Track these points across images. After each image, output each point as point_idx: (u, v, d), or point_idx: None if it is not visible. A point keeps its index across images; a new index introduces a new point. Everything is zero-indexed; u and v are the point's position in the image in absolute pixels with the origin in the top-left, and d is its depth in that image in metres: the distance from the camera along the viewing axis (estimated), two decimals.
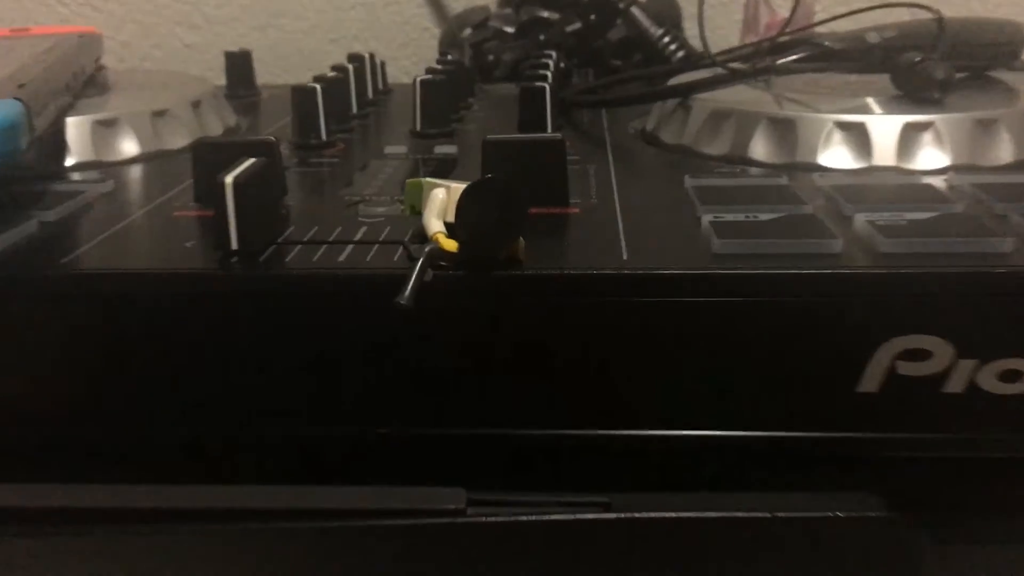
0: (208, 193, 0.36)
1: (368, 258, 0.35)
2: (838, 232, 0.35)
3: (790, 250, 0.34)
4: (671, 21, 0.77)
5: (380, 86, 0.69)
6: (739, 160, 0.48)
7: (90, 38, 0.64)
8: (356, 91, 0.61)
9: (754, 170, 0.46)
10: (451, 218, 0.34)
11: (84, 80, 0.57)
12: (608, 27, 0.77)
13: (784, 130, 0.47)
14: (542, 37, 0.75)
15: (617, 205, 0.41)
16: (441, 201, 0.35)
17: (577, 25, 0.75)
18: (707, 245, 0.35)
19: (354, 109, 0.60)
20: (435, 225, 0.34)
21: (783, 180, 0.43)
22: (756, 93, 0.53)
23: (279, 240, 0.37)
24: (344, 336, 0.34)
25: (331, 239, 0.37)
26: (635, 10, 0.74)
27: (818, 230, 0.35)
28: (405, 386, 0.35)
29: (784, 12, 0.84)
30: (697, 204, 0.39)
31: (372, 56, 0.65)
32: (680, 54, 0.74)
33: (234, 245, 0.35)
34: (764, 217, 0.37)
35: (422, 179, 0.37)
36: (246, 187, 0.35)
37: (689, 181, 0.43)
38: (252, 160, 0.37)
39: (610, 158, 0.50)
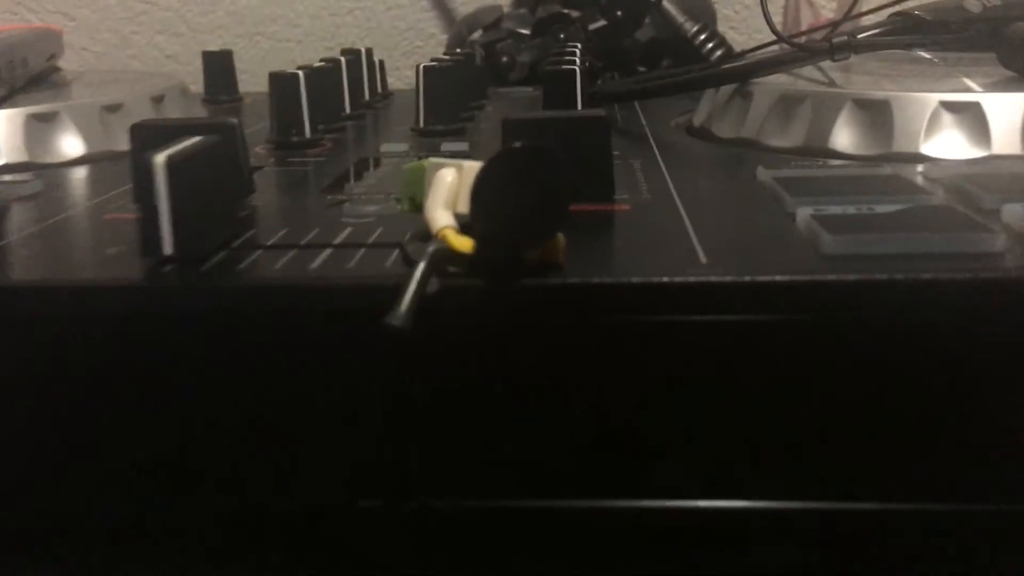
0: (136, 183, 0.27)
1: (351, 264, 0.26)
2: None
3: (930, 248, 0.25)
4: (706, 19, 0.68)
5: (379, 88, 0.60)
6: (818, 152, 0.38)
7: (43, 33, 0.55)
8: (349, 89, 0.52)
9: (838, 163, 0.37)
10: (464, 208, 0.25)
11: (28, 74, 0.49)
12: (636, 25, 0.68)
13: (876, 114, 0.38)
14: (562, 36, 0.66)
15: (678, 201, 0.31)
16: (450, 185, 0.25)
17: (601, 23, 0.67)
18: (810, 245, 0.26)
19: (347, 109, 0.52)
20: (442, 218, 0.25)
21: (888, 169, 0.34)
22: (830, 75, 0.44)
23: (232, 245, 0.28)
24: (313, 372, 0.25)
25: (303, 243, 0.28)
26: (667, 4, 0.65)
27: (966, 223, 0.26)
28: (397, 442, 0.25)
29: (828, 13, 0.76)
30: (785, 196, 0.30)
31: (369, 51, 0.57)
32: (719, 53, 0.65)
33: (167, 250, 0.26)
34: (882, 209, 0.28)
35: (425, 161, 0.27)
36: (184, 169, 0.25)
37: (765, 173, 0.34)
38: (198, 138, 0.28)
39: (656, 153, 0.40)
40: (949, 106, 0.37)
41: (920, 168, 0.35)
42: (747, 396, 0.24)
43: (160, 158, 0.25)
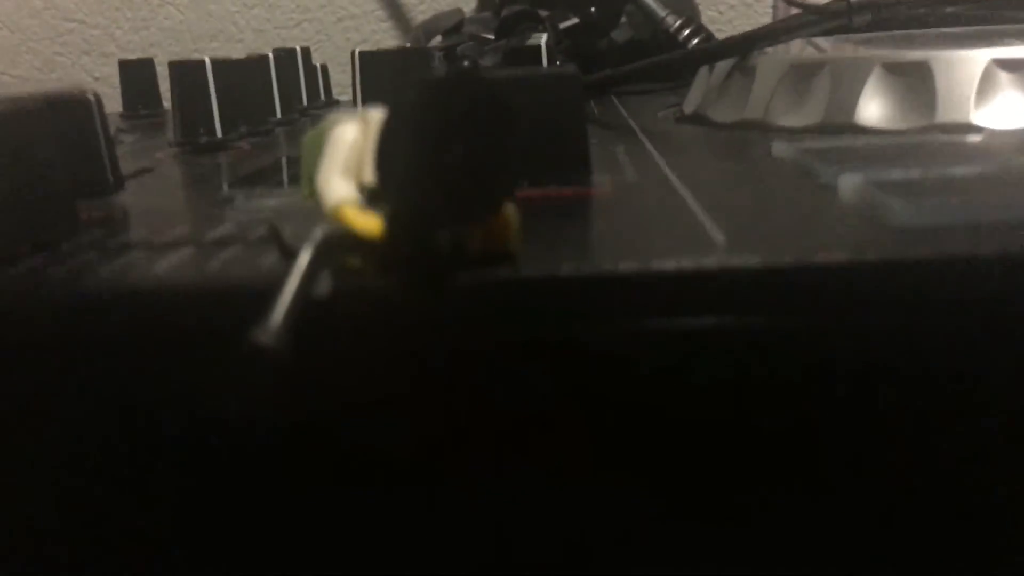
0: None
1: (213, 265, 0.18)
2: None
3: None
4: (688, 14, 0.61)
5: (321, 95, 0.53)
6: (842, 129, 0.31)
7: None
8: (280, 90, 0.44)
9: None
10: (370, 178, 0.17)
11: None
12: (612, 23, 0.61)
13: (913, 80, 0.30)
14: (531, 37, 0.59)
15: (675, 181, 0.24)
16: (351, 145, 0.17)
17: (574, 21, 0.60)
18: (867, 218, 0.18)
19: (277, 112, 0.44)
20: (338, 188, 0.17)
21: (944, 137, 0.26)
22: (842, 44, 0.36)
23: (58, 248, 0.20)
24: (153, 406, 0.17)
25: (156, 242, 0.20)
26: None
27: None
28: (266, 521, 0.17)
29: None
30: (817, 167, 0.22)
31: (307, 51, 0.49)
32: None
33: None
34: (959, 172, 0.20)
35: (327, 123, 0.20)
36: None
37: (783, 147, 0.26)
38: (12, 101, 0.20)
39: (643, 140, 0.33)
40: (1005, 64, 0.29)
41: (976, 139, 0.27)
42: (798, 437, 0.16)
43: None
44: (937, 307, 0.16)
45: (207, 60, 0.36)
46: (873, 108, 0.31)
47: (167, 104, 0.56)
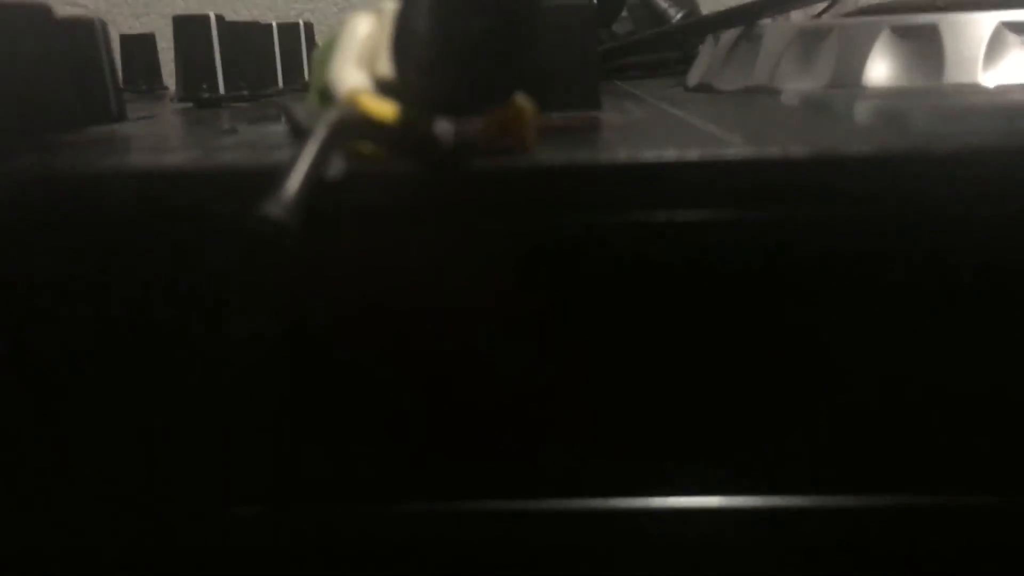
0: None
1: (218, 160, 0.17)
2: None
3: None
4: (690, 7, 0.61)
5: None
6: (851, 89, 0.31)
7: None
8: (283, 60, 0.44)
9: None
10: (385, 70, 0.16)
11: None
12: (614, 15, 0.61)
13: (921, 42, 0.30)
14: None
15: (685, 116, 0.23)
16: (366, 37, 0.17)
17: None
18: (889, 124, 0.18)
19: (280, 82, 0.44)
20: (351, 76, 0.17)
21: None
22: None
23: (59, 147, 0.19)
24: (154, 300, 0.17)
25: (166, 147, 0.19)
26: None
27: None
28: (277, 417, 0.17)
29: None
30: (829, 100, 0.22)
31: (309, 25, 0.49)
32: None
33: None
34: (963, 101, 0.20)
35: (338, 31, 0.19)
36: None
37: (791, 95, 0.26)
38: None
39: (650, 100, 0.33)
40: (1014, 27, 0.29)
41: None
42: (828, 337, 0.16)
43: None
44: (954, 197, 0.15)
45: (211, 15, 0.35)
46: (881, 70, 0.31)
47: (168, 82, 0.56)
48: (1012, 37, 0.29)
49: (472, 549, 0.17)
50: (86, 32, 0.24)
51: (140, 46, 0.54)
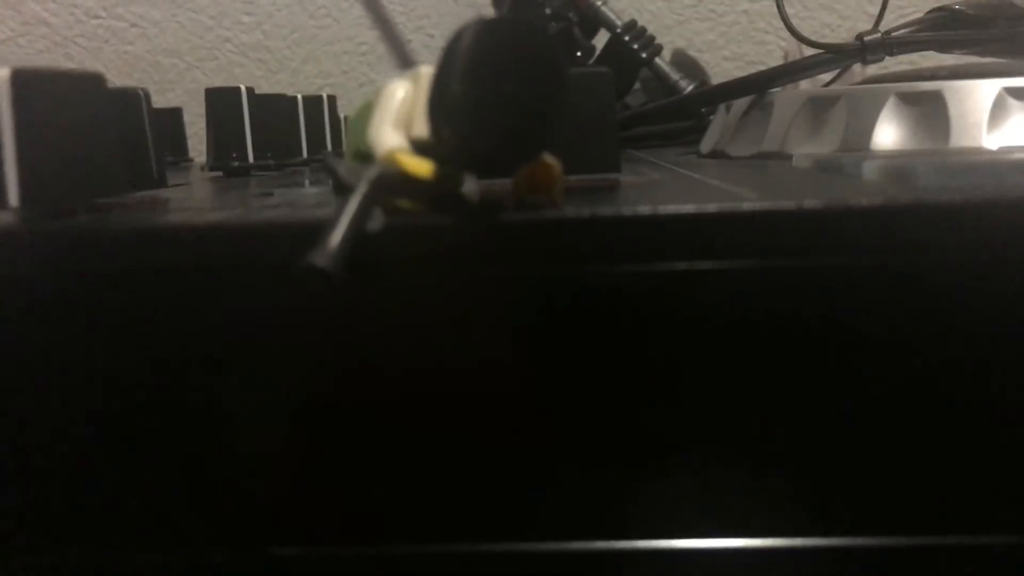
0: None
1: (264, 215, 0.18)
2: None
3: None
4: (701, 78, 0.63)
5: (343, 144, 0.54)
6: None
7: None
8: (307, 130, 0.46)
9: None
10: (421, 131, 0.18)
11: None
12: (627, 87, 0.63)
13: (927, 108, 0.31)
14: None
15: (701, 177, 0.24)
16: (402, 101, 0.18)
17: None
18: (895, 182, 0.19)
19: (304, 152, 0.45)
20: (389, 137, 0.18)
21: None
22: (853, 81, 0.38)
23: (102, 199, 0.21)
24: (195, 346, 0.17)
25: (209, 207, 0.21)
26: (660, 61, 0.60)
27: None
28: (316, 455, 0.18)
29: None
30: (844, 162, 0.23)
31: (332, 99, 0.51)
32: None
33: (12, 199, 0.18)
34: (967, 159, 0.21)
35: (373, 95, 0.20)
36: (39, 91, 0.19)
37: (802, 159, 0.27)
38: (74, 76, 0.21)
39: (666, 164, 0.34)
40: (1017, 92, 0.31)
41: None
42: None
43: (3, 71, 0.18)
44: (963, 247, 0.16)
45: (243, 88, 0.37)
46: (889, 134, 0.32)
47: (193, 154, 0.58)
48: (1013, 102, 0.30)
49: None
50: (133, 102, 0.25)
51: (168, 119, 0.56)
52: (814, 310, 0.17)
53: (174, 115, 0.56)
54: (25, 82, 0.19)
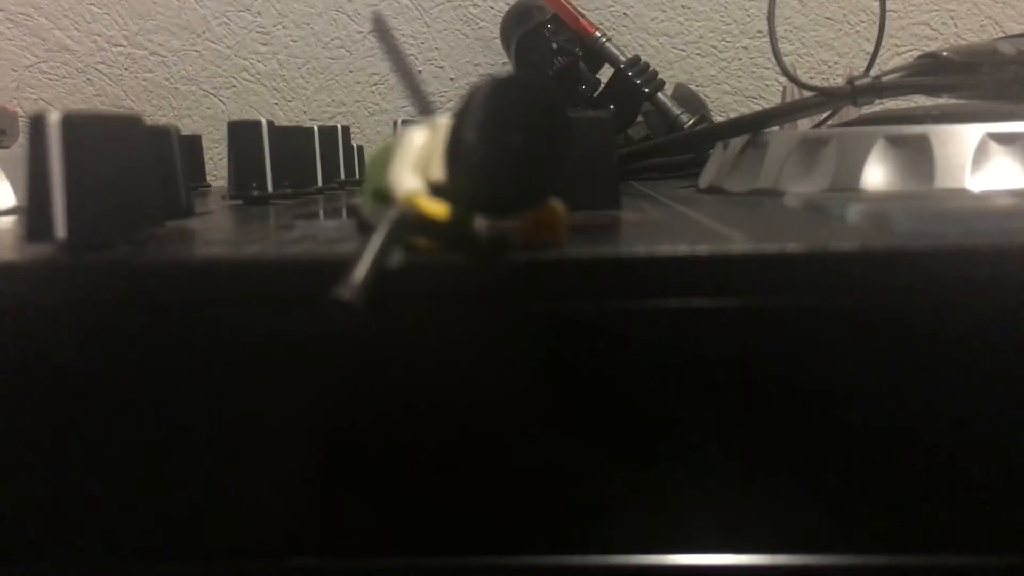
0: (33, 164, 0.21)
1: (292, 250, 0.20)
2: None
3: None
4: (702, 112, 0.65)
5: (357, 174, 0.56)
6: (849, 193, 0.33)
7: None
8: (323, 161, 0.47)
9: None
10: (438, 175, 0.19)
11: None
12: (630, 120, 0.65)
13: (913, 151, 0.33)
14: None
15: (696, 216, 0.26)
16: (421, 147, 0.20)
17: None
18: (875, 227, 0.20)
19: (319, 180, 0.47)
20: (408, 181, 0.19)
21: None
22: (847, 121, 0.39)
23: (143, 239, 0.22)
24: (228, 372, 0.19)
25: (239, 240, 0.22)
26: (662, 96, 0.62)
27: None
28: (337, 475, 0.19)
29: None
30: (831, 206, 0.25)
31: (346, 130, 0.53)
32: None
33: (59, 232, 0.20)
34: (948, 204, 0.23)
35: (392, 140, 0.22)
36: (86, 133, 0.20)
37: (793, 199, 0.29)
38: (117, 118, 0.23)
39: (664, 200, 0.35)
40: (999, 138, 0.32)
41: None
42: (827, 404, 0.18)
43: (55, 115, 0.20)
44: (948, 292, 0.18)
45: (263, 121, 0.39)
46: (877, 175, 0.33)
47: (210, 179, 0.60)
48: (996, 147, 0.32)
49: None
50: (165, 138, 0.27)
51: (186, 147, 0.57)
52: (799, 344, 0.18)
53: (193, 142, 0.58)
54: (74, 125, 0.20)
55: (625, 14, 0.74)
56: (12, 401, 0.19)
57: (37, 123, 0.20)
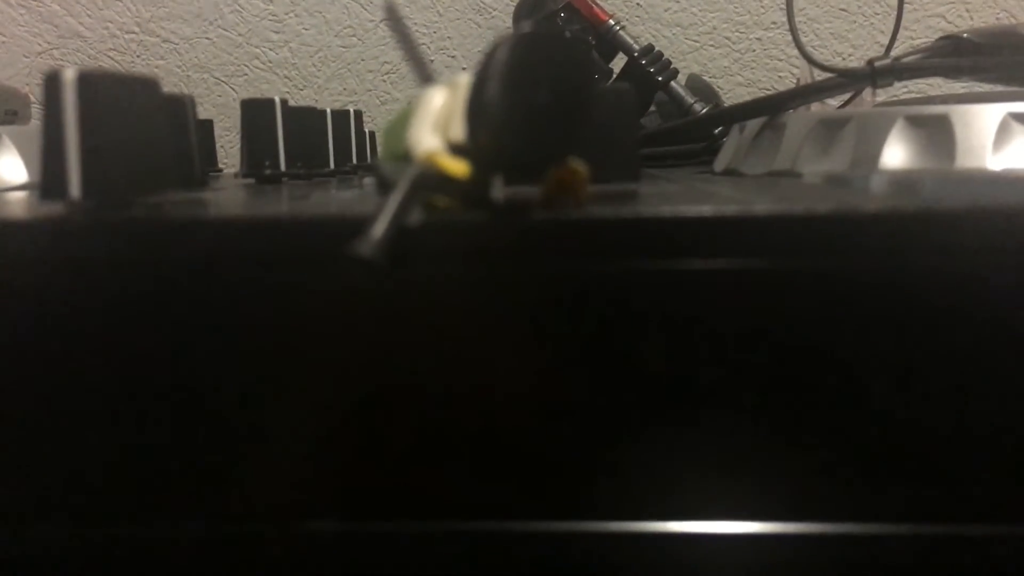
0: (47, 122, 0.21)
1: (310, 209, 0.20)
2: None
3: None
4: (715, 101, 0.65)
5: (368, 158, 0.56)
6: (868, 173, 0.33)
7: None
8: (335, 143, 0.47)
9: None
10: (458, 135, 0.19)
11: None
12: (643, 110, 0.64)
13: (934, 131, 0.33)
14: None
15: (715, 188, 0.26)
16: (440, 106, 0.20)
17: None
18: (902, 191, 0.20)
19: (331, 163, 0.47)
20: (428, 140, 0.19)
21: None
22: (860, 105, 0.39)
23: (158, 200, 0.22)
24: (244, 331, 0.19)
25: (254, 203, 0.22)
26: (675, 85, 0.62)
27: None
28: (356, 434, 0.19)
29: None
30: (849, 177, 0.24)
31: (359, 114, 0.52)
32: None
33: (74, 191, 0.20)
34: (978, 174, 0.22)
35: (410, 105, 0.22)
36: (101, 91, 0.20)
37: (813, 175, 0.29)
38: (135, 81, 0.22)
39: (679, 181, 0.35)
40: (1020, 117, 0.32)
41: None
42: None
43: (70, 72, 0.20)
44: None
45: (276, 100, 0.38)
46: (896, 155, 0.33)
47: (222, 165, 0.60)
48: (1017, 126, 0.32)
49: (519, 566, 0.19)
50: (181, 107, 0.26)
51: (200, 130, 0.57)
52: (823, 308, 0.18)
53: (205, 127, 0.58)
54: (89, 83, 0.20)
55: (638, 3, 0.74)
56: (28, 359, 0.19)
57: (52, 81, 0.20)
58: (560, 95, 0.18)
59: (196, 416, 0.19)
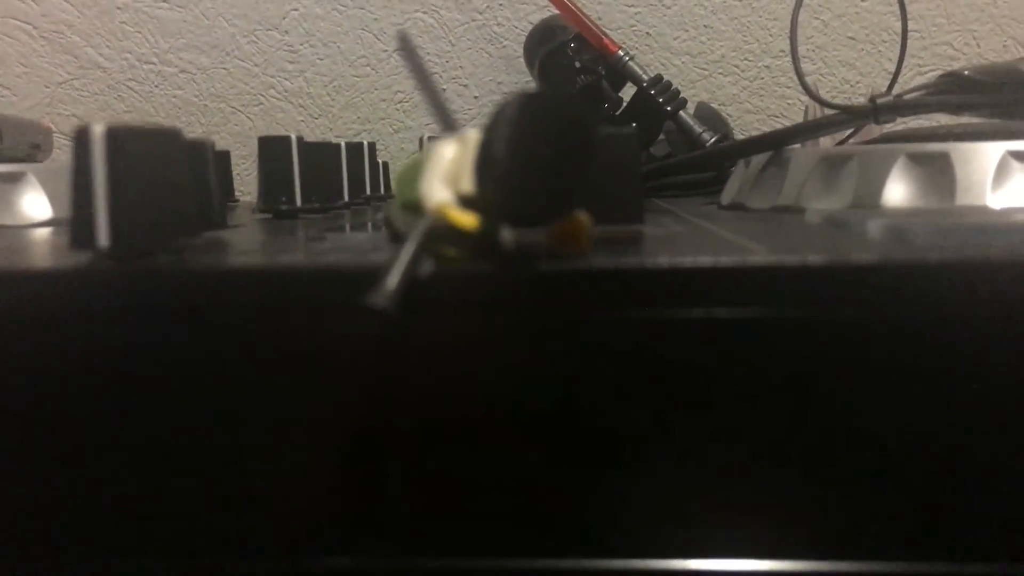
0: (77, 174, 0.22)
1: (325, 259, 0.21)
2: None
3: None
4: (724, 131, 0.65)
5: (381, 189, 0.57)
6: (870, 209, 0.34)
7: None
8: (349, 176, 0.48)
9: None
10: (468, 187, 0.20)
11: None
12: (652, 138, 0.65)
13: (934, 168, 0.33)
14: None
15: (718, 230, 0.27)
16: (451, 160, 0.21)
17: None
18: (894, 241, 0.21)
19: (345, 195, 0.48)
20: (439, 192, 0.20)
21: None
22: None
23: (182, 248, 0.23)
24: (265, 376, 0.20)
25: (272, 249, 0.23)
26: (684, 114, 0.62)
27: None
28: (370, 476, 0.20)
29: None
30: (848, 219, 0.25)
31: (372, 146, 0.53)
32: None
33: (102, 240, 0.21)
34: (968, 220, 0.23)
35: (420, 156, 0.23)
36: (129, 145, 0.21)
37: (814, 215, 0.29)
38: (157, 132, 0.23)
39: (687, 216, 0.36)
40: (1019, 155, 0.32)
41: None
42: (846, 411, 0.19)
43: (99, 128, 0.21)
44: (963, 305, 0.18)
45: (293, 137, 0.40)
46: (898, 192, 0.34)
47: (238, 195, 0.61)
48: (1016, 164, 0.32)
49: None
50: (201, 152, 0.27)
51: (219, 162, 0.58)
52: (819, 355, 0.19)
53: (222, 159, 0.59)
54: (117, 137, 0.21)
55: (648, 33, 0.75)
56: (54, 405, 0.20)
57: (82, 135, 0.21)
58: (564, 150, 0.18)
59: (218, 460, 0.20)
